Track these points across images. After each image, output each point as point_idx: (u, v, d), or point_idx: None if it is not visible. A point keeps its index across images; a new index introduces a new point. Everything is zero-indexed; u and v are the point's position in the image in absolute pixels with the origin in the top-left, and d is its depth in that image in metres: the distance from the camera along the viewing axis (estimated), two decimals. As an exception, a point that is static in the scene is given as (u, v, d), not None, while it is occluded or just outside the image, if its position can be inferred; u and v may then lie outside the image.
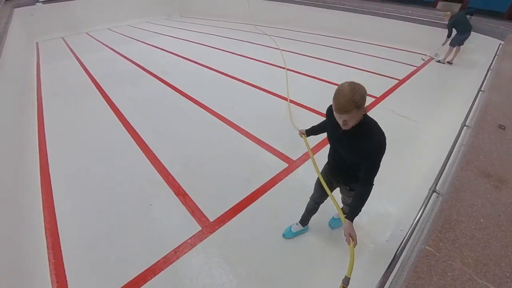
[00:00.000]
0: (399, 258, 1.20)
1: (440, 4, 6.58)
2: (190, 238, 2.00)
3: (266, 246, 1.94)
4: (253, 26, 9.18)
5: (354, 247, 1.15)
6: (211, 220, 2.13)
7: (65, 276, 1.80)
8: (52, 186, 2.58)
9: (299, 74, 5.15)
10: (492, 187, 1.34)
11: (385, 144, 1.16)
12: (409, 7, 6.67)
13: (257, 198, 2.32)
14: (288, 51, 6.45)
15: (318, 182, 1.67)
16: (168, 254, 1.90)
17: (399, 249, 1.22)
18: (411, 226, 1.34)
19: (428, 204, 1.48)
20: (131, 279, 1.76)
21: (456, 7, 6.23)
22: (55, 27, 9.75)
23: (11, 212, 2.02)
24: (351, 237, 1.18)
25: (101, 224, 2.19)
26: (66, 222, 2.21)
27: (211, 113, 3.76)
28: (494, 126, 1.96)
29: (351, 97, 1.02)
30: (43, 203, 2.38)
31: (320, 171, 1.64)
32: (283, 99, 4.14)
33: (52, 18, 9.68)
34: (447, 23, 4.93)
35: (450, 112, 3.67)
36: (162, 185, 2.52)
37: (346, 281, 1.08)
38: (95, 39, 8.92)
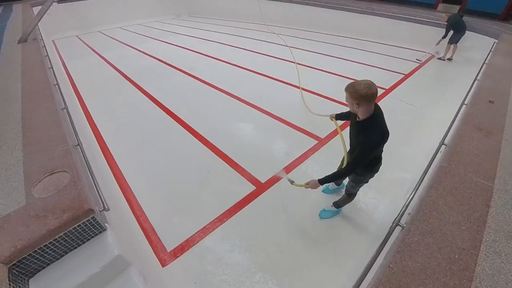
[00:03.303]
0: (423, 178, 1.72)
1: (440, 6, 7.15)
2: (248, 194, 2.47)
3: (310, 197, 2.43)
4: (263, 25, 9.64)
5: (303, 186, 1.71)
6: (263, 182, 2.61)
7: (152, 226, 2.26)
8: (120, 168, 2.91)
9: (315, 70, 5.64)
10: (483, 136, 1.96)
11: (376, 147, 1.41)
12: (412, 9, 7.21)
13: (298, 165, 2.81)
14: (302, 49, 6.94)
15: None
16: (231, 207, 2.37)
17: (425, 170, 1.74)
18: (427, 165, 1.86)
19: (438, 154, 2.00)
20: (205, 224, 2.22)
21: (455, 8, 6.79)
22: (70, 26, 10.12)
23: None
24: (309, 185, 1.67)
25: (170, 188, 2.65)
26: (140, 191, 2.65)
27: (242, 102, 4.24)
28: (485, 101, 2.53)
29: (352, 84, 1.33)
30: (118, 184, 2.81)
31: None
32: (303, 90, 4.62)
33: (66, 17, 10.03)
34: (445, 23, 5.46)
35: (449, 101, 4.20)
36: (214, 157, 2.99)
37: (290, 182, 1.84)
38: (111, 37, 9.30)
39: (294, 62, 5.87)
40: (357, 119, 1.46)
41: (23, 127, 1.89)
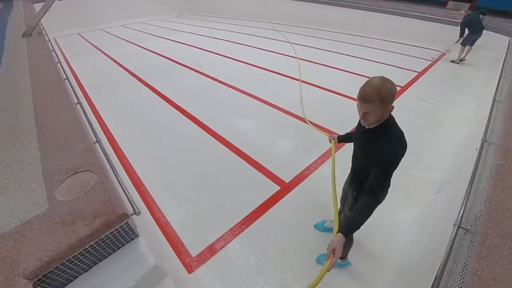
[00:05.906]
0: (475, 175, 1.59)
1: (450, 4, 7.05)
2: (273, 195, 2.32)
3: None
4: (269, 23, 9.49)
5: (329, 266, 0.98)
6: (287, 181, 2.47)
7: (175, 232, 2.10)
8: (134, 168, 2.76)
9: (326, 67, 5.51)
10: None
11: (401, 155, 1.07)
12: (422, 6, 7.11)
13: (321, 164, 2.67)
14: (313, 47, 6.81)
15: (344, 188, 1.69)
16: (257, 208, 2.22)
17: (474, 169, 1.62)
18: (475, 163, 1.74)
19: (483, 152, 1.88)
20: (230, 227, 2.07)
21: (465, 6, 6.69)
22: (71, 24, 9.94)
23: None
24: (333, 253, 1.01)
25: (188, 188, 2.49)
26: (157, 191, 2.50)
27: (256, 99, 4.09)
28: (523, 97, 2.39)
29: (378, 88, 0.98)
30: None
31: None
32: (317, 87, 4.48)
33: (67, 15, 9.86)
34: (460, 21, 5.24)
35: (469, 98, 4.09)
36: (231, 155, 2.84)
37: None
38: (114, 35, 9.12)
39: (297, 58, 5.74)
40: (367, 127, 1.13)
41: (37, 122, 1.73)
